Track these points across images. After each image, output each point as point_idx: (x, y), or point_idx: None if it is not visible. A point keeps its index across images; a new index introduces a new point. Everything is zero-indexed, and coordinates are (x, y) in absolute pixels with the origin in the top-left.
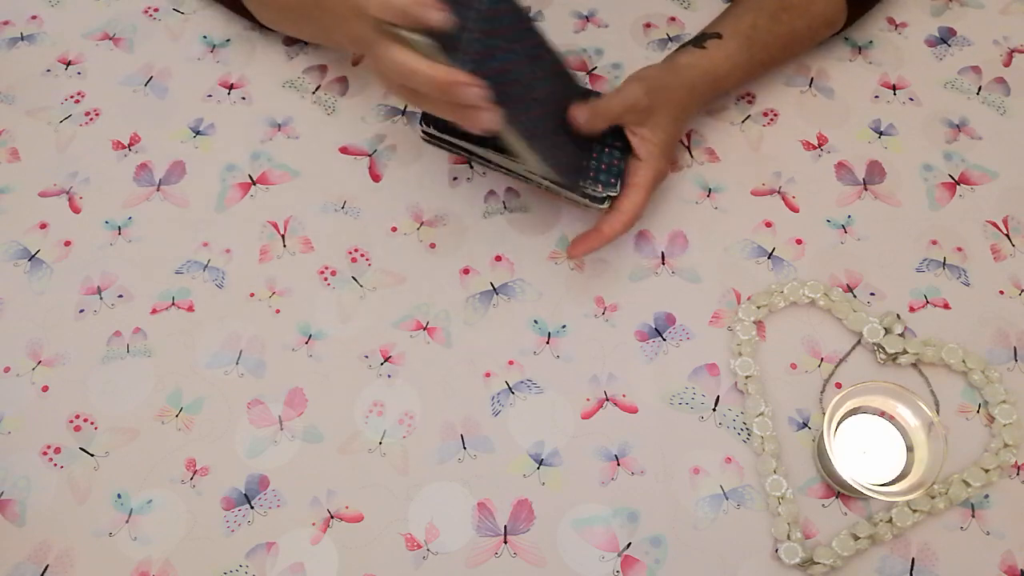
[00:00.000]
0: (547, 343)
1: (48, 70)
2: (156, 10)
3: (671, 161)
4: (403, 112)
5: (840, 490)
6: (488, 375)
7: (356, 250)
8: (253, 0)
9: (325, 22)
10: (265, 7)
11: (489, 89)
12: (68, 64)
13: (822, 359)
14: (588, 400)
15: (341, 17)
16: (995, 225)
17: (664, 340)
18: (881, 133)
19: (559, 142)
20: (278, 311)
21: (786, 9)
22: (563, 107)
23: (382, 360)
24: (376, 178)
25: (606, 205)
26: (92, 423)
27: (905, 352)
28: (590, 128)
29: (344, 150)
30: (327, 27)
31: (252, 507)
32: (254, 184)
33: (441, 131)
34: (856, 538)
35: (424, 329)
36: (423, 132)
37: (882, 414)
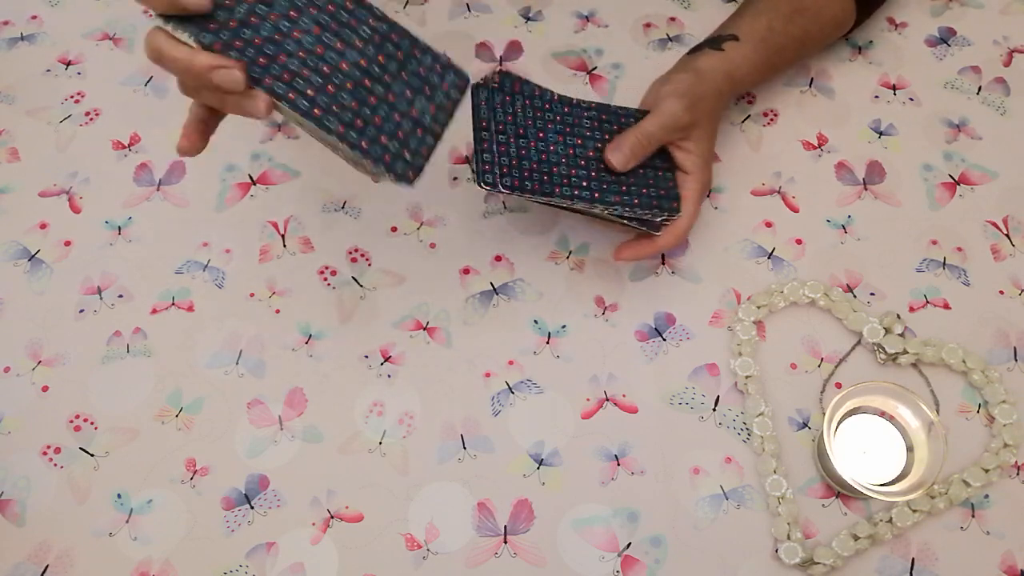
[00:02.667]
0: (547, 343)
1: (48, 70)
2: None
3: (711, 172)
4: None
5: (840, 490)
6: (488, 375)
7: (356, 250)
8: None
9: None
10: None
11: (255, 66)
12: (68, 64)
13: (822, 359)
14: (588, 400)
15: None
16: (995, 225)
17: (664, 340)
18: (881, 133)
19: (391, 123)
20: (278, 311)
21: (800, 11)
22: (401, 82)
23: (382, 360)
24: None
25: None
26: (92, 423)
27: (905, 352)
28: (630, 165)
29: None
30: None
31: (252, 507)
32: (254, 184)
33: (521, 193)
34: (856, 538)
35: (424, 329)
36: (502, 191)
37: (882, 414)
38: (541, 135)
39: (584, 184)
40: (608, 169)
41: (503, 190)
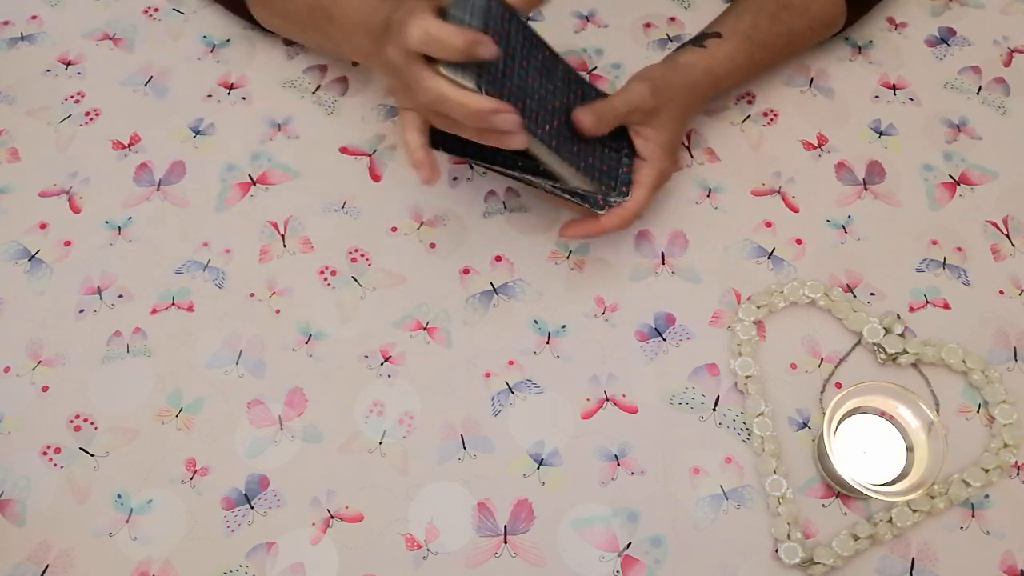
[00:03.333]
0: (547, 343)
1: (48, 70)
2: (156, 10)
3: (674, 161)
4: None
5: (840, 490)
6: (488, 375)
7: (356, 250)
8: (258, 4)
9: (335, 36)
10: (271, 13)
11: (518, 109)
12: (68, 64)
13: (822, 359)
14: (588, 400)
15: (352, 33)
16: (995, 225)
17: (664, 340)
18: (881, 133)
19: (583, 147)
20: (278, 311)
21: (786, 9)
22: (571, 103)
23: (382, 360)
24: (376, 178)
25: (604, 211)
26: (92, 423)
27: (905, 352)
28: (596, 131)
29: (344, 150)
30: (336, 40)
31: (252, 507)
32: (254, 184)
33: (451, 148)
34: (856, 538)
35: (424, 329)
36: (438, 147)
37: (882, 414)
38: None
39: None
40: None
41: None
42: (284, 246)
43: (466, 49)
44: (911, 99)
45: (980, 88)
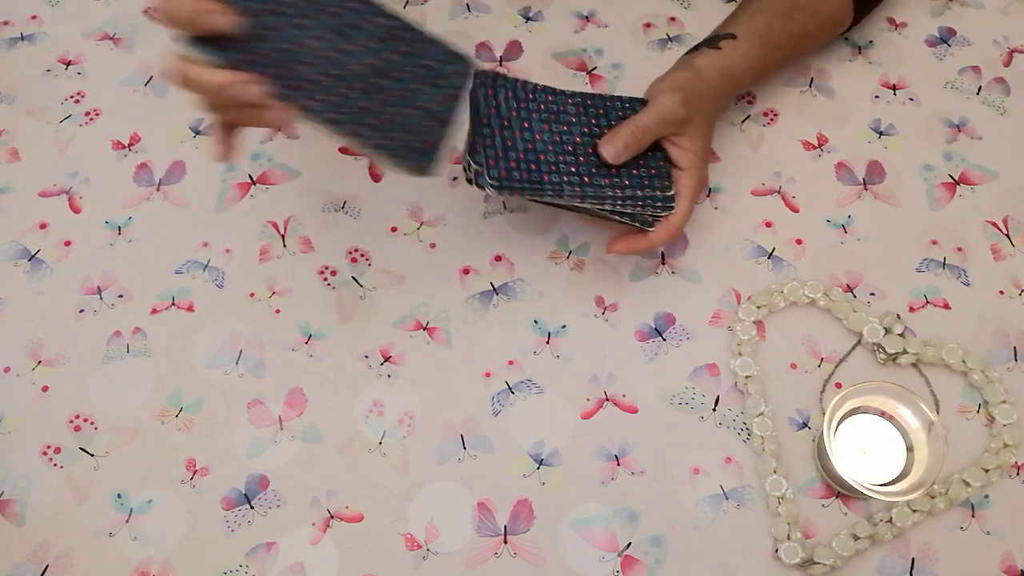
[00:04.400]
0: (547, 343)
1: (48, 70)
2: (156, 10)
3: (706, 169)
4: None
5: (840, 490)
6: (488, 375)
7: (356, 250)
8: None
9: None
10: None
11: (273, 78)
12: (68, 64)
13: (822, 359)
14: (588, 400)
15: None
16: (995, 225)
17: (664, 340)
18: (881, 133)
19: (402, 117)
20: (278, 311)
21: (797, 9)
22: (408, 76)
23: (382, 360)
24: (376, 178)
25: (653, 227)
26: (92, 423)
27: (905, 352)
28: (623, 158)
29: (344, 150)
30: None
31: (252, 507)
32: (254, 184)
33: (510, 187)
34: (856, 538)
35: (424, 329)
36: (490, 187)
37: (882, 414)
38: (526, 124)
39: (572, 171)
40: (597, 156)
41: (491, 182)
42: (284, 246)
43: (192, 20)
44: (911, 99)
45: (980, 88)
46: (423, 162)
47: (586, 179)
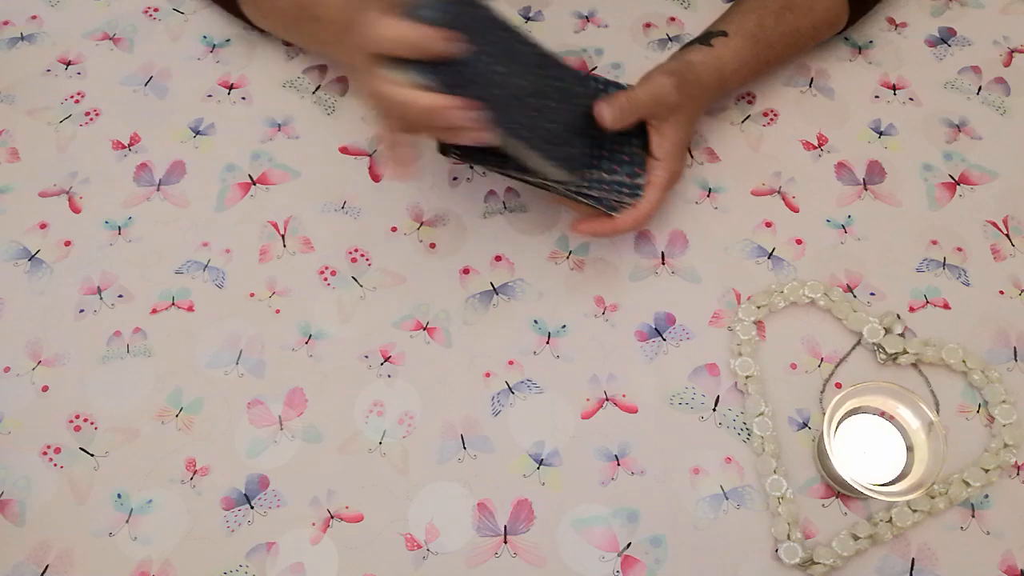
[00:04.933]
0: (547, 343)
1: (48, 70)
2: (156, 10)
3: (684, 162)
4: None
5: (840, 490)
6: (488, 375)
7: (356, 250)
8: (249, 2)
9: (321, 35)
10: (261, 12)
11: (481, 104)
12: (68, 64)
13: (822, 359)
14: (588, 400)
15: (336, 33)
16: (995, 225)
17: (664, 340)
18: (881, 133)
19: (558, 136)
20: (278, 311)
21: (790, 8)
22: (558, 97)
23: (382, 360)
24: (376, 178)
25: (619, 213)
26: (92, 423)
27: (905, 352)
28: (619, 125)
29: (344, 150)
30: (323, 40)
31: (252, 507)
32: (254, 184)
33: (460, 153)
34: (856, 538)
35: (424, 329)
36: (449, 154)
37: (882, 414)
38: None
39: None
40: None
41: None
42: (284, 246)
43: (420, 46)
44: (911, 99)
45: (980, 88)
46: (578, 168)
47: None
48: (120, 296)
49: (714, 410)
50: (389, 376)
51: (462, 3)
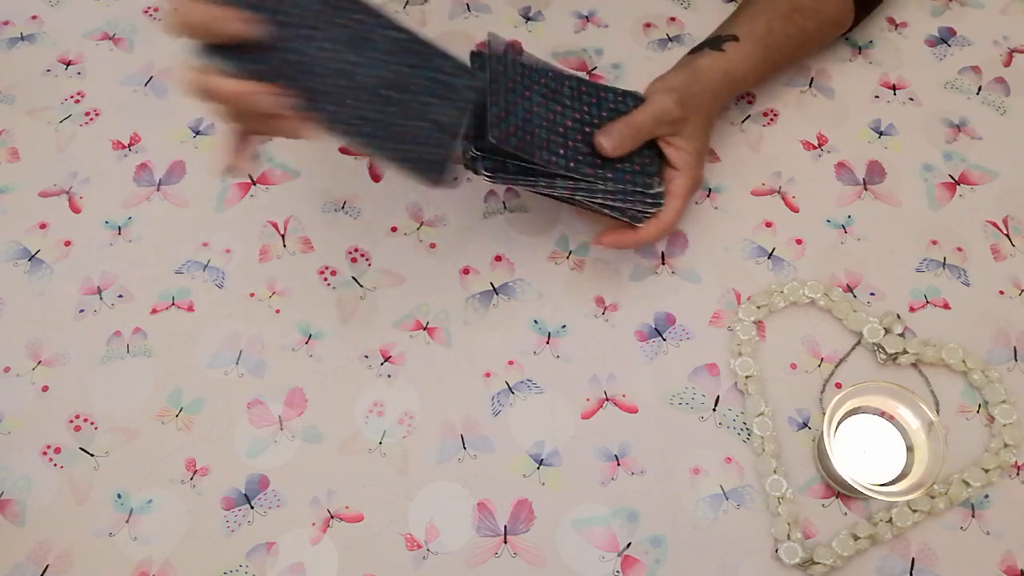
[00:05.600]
0: (547, 343)
1: (48, 70)
2: (156, 10)
3: (701, 169)
4: None
5: (840, 490)
6: (488, 375)
7: (356, 250)
8: None
9: None
10: None
11: (295, 90)
12: (68, 64)
13: (822, 359)
14: (588, 400)
15: None
16: (995, 225)
17: (664, 340)
18: (881, 133)
19: (413, 130)
20: (278, 311)
21: (798, 11)
22: (420, 88)
23: (382, 360)
24: (376, 178)
25: (643, 223)
26: (92, 423)
27: (905, 352)
28: (620, 151)
29: (344, 150)
30: None
31: (252, 507)
32: (254, 184)
33: (496, 172)
34: (856, 538)
35: (424, 329)
36: (479, 172)
37: (882, 414)
38: (526, 94)
39: (561, 152)
40: (586, 140)
41: (491, 139)
42: (284, 246)
43: (209, 28)
44: (911, 99)
45: (980, 88)
46: (436, 174)
47: (572, 164)
48: (120, 296)
49: (714, 410)
50: (389, 376)
51: None
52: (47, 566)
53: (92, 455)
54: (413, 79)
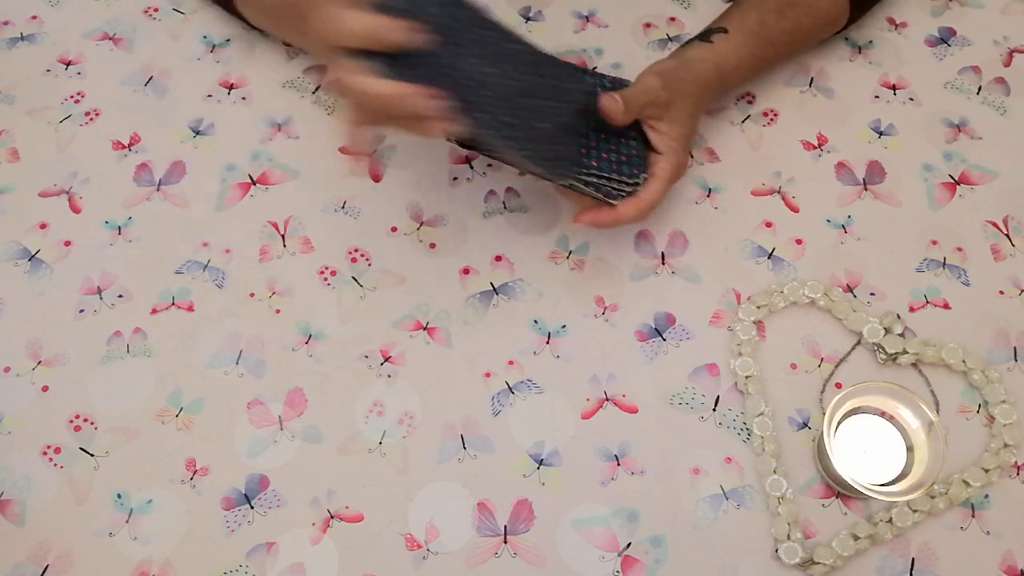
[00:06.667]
0: (547, 343)
1: (48, 70)
2: (156, 10)
3: (688, 155)
4: None
5: (840, 490)
6: (488, 375)
7: (356, 250)
8: (243, 1)
9: (300, 26)
10: (255, 10)
11: (449, 96)
12: (68, 64)
13: (822, 359)
14: (588, 400)
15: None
16: (995, 225)
17: (664, 340)
18: (881, 133)
19: (548, 135)
20: (278, 311)
21: (791, 6)
22: (550, 96)
23: (382, 360)
24: (376, 178)
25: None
26: (92, 423)
27: (905, 352)
28: (622, 120)
29: (344, 150)
30: (303, 31)
31: (252, 507)
32: (254, 184)
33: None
34: (856, 538)
35: (424, 329)
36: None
37: (882, 414)
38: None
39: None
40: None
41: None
42: (284, 246)
43: (375, 36)
44: (911, 99)
45: (980, 88)
46: (565, 170)
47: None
48: (120, 296)
49: (714, 410)
50: (389, 376)
51: (443, 3)
52: (47, 566)
53: (92, 455)
54: (540, 87)
